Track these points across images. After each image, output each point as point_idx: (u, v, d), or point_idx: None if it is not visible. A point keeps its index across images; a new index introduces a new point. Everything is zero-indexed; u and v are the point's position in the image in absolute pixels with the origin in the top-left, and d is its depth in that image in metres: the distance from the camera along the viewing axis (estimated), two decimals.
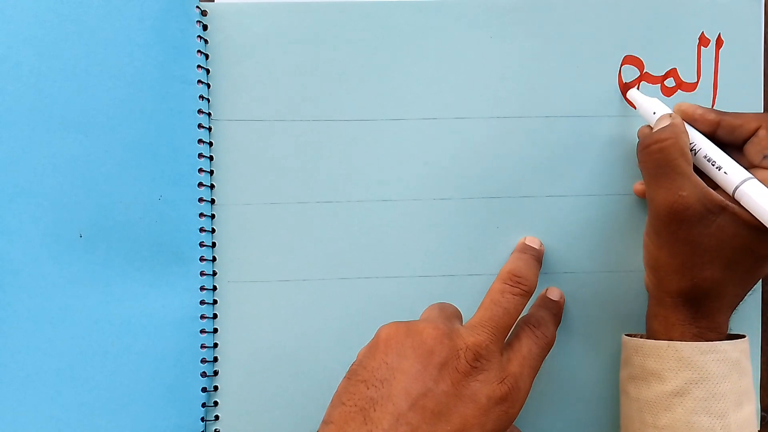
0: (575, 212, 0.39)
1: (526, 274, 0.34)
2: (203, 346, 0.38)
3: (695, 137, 0.34)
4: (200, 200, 0.38)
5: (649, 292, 0.37)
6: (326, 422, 0.30)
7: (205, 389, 0.38)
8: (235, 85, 0.39)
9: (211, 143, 0.39)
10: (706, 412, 0.32)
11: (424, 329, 0.30)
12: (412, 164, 0.39)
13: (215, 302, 0.39)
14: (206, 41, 0.39)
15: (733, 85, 0.40)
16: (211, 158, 0.39)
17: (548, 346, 0.34)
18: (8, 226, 0.37)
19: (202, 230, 0.38)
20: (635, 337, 0.36)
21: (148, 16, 0.37)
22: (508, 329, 0.32)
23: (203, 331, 0.38)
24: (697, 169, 0.34)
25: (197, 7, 0.38)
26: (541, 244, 0.39)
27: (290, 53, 0.39)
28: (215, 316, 0.39)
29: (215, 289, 0.39)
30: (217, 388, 0.39)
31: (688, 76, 0.40)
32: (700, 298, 0.33)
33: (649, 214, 0.34)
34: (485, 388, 0.29)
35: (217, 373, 0.39)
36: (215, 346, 0.39)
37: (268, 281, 0.39)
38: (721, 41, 0.40)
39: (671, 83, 0.40)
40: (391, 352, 0.30)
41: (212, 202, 0.39)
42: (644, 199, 0.39)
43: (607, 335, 0.39)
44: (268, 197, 0.39)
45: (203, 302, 0.38)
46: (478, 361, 0.30)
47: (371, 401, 0.29)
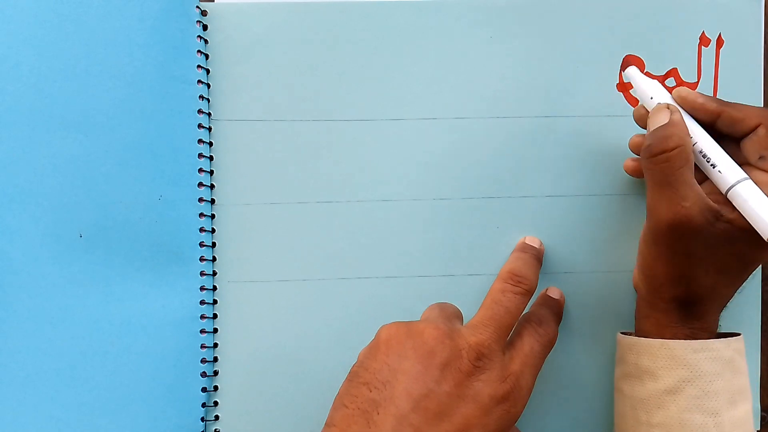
0: (575, 212, 0.39)
1: (526, 273, 0.34)
2: (203, 346, 0.38)
3: (693, 130, 0.33)
4: (200, 200, 0.38)
5: (638, 292, 0.36)
6: (329, 425, 0.30)
7: (205, 389, 0.38)
8: (235, 85, 0.39)
9: (211, 143, 0.39)
10: (699, 409, 0.32)
11: (424, 329, 0.30)
12: (412, 164, 0.39)
13: (215, 302, 0.39)
14: (206, 41, 0.39)
15: (733, 84, 0.40)
16: (211, 158, 0.39)
17: (550, 343, 0.34)
18: (8, 226, 0.37)
19: (202, 230, 0.38)
20: (629, 335, 0.36)
21: (148, 16, 0.37)
22: (509, 328, 0.32)
23: (203, 331, 0.38)
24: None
25: (197, 7, 0.38)
26: (541, 243, 0.39)
27: (290, 53, 0.39)
28: (215, 316, 0.39)
29: (215, 289, 0.39)
30: (217, 388, 0.39)
31: (688, 75, 0.40)
32: (693, 302, 0.33)
33: (648, 221, 0.34)
34: (488, 387, 0.29)
35: (217, 373, 0.39)
36: (215, 346, 0.39)
37: (268, 281, 0.39)
38: (721, 41, 0.40)
39: (672, 83, 0.40)
40: (392, 353, 0.30)
41: (212, 202, 0.39)
42: (635, 178, 0.39)
43: (606, 335, 0.39)
44: (268, 197, 0.39)
45: (203, 302, 0.38)
46: (480, 360, 0.30)
47: (373, 403, 0.29)
